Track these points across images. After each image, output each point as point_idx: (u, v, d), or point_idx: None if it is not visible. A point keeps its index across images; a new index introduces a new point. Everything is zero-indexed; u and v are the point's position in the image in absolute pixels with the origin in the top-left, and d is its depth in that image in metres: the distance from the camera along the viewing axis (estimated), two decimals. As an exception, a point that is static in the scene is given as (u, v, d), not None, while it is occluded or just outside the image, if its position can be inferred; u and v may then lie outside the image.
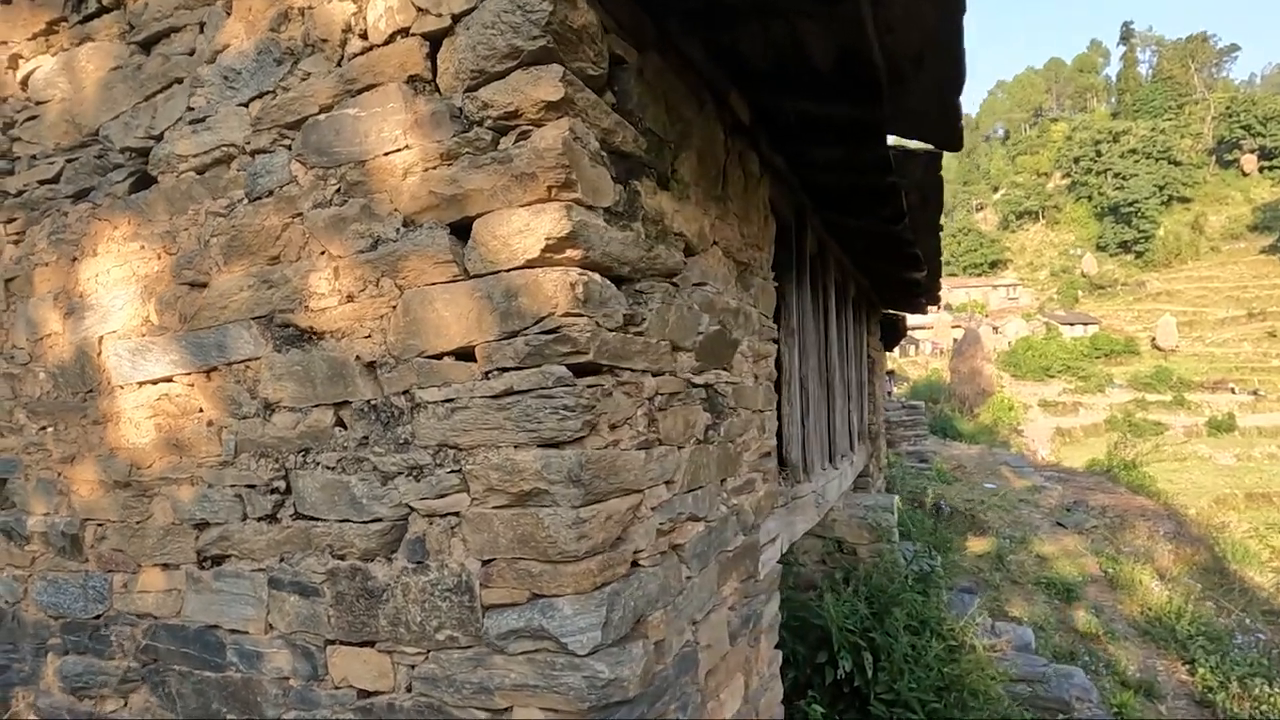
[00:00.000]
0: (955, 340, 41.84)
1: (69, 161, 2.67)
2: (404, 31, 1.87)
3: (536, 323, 1.69)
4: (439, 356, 1.82)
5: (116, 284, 2.44)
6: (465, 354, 1.79)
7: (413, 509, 1.85)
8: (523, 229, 1.69)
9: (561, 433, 1.65)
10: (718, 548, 2.44)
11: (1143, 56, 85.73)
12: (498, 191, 1.73)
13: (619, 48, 1.94)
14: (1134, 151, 66.19)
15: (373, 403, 1.92)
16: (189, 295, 2.26)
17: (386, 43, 1.89)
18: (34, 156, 2.77)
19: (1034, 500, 13.92)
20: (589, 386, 1.71)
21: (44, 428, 2.63)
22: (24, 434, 2.69)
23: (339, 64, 1.98)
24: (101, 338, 2.46)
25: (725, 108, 2.73)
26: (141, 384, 2.35)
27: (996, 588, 8.82)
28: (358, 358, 1.93)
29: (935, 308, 9.21)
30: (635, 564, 1.90)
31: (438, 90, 1.84)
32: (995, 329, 52.37)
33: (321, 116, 2.00)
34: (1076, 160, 71.57)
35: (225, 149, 2.21)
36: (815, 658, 4.32)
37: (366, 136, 1.91)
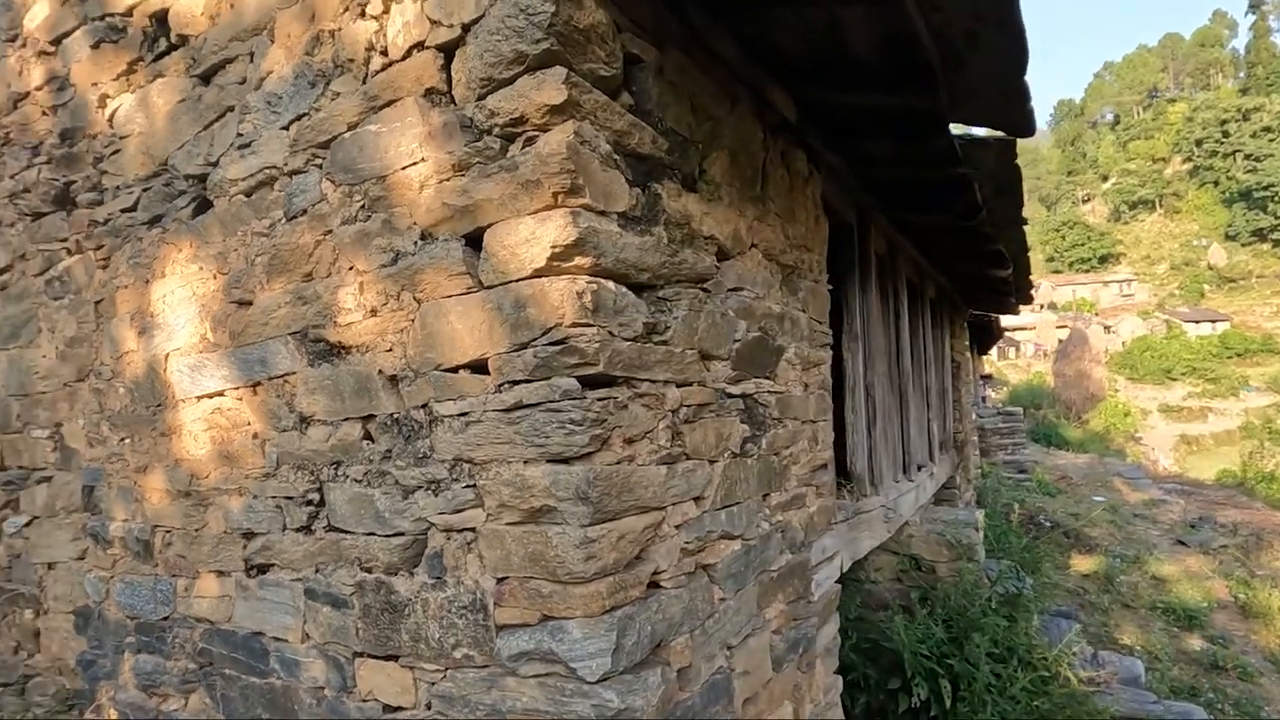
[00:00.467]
0: (1060, 341, 39.08)
1: (144, 190, 2.85)
2: (420, 45, 1.87)
3: (544, 334, 1.63)
4: (455, 370, 1.80)
5: (180, 303, 2.58)
6: (479, 366, 1.76)
7: (431, 524, 1.84)
8: (529, 238, 1.65)
9: (568, 448, 1.58)
10: (758, 567, 2.31)
11: (1276, 25, 77.58)
12: (506, 200, 1.69)
13: (635, 46, 1.87)
14: (1268, 130, 60.00)
15: (395, 416, 1.92)
16: (237, 313, 2.35)
17: (404, 57, 1.90)
18: (117, 187, 2.98)
19: (1151, 515, 12.71)
20: (599, 400, 1.64)
21: (123, 439, 2.82)
22: (107, 445, 2.90)
23: (363, 81, 2.01)
24: (168, 354, 2.61)
25: (765, 105, 2.61)
26: (199, 398, 2.48)
27: (1104, 612, 8.07)
28: (380, 371, 1.94)
29: (1028, 307, 8.59)
30: (655, 585, 1.80)
31: (453, 101, 1.83)
32: (1107, 328, 48.60)
33: (348, 134, 2.03)
34: (1199, 143, 65.62)
35: (268, 171, 2.29)
36: (887, 683, 4.06)
37: (387, 151, 1.93)
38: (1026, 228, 5.06)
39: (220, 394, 2.40)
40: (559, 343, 1.62)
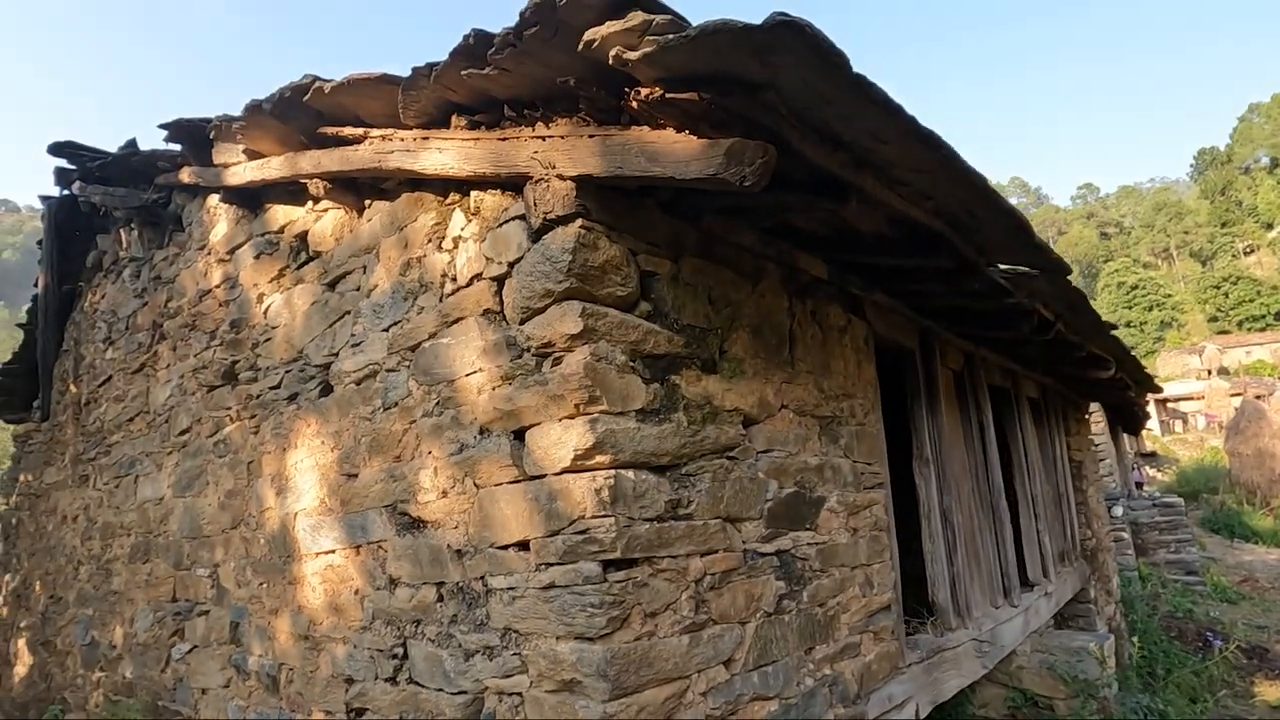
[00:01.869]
0: (1235, 411, 34.38)
1: (286, 372, 3.50)
2: (478, 276, 2.32)
3: (570, 524, 1.92)
4: (505, 548, 2.12)
5: (306, 471, 3.12)
6: (524, 546, 2.07)
7: (487, 686, 2.11)
8: (558, 441, 1.97)
9: (589, 628, 1.82)
10: (799, 726, 2.37)
11: None
12: (540, 407, 2.03)
13: (649, 265, 2.21)
14: None
15: (460, 585, 2.25)
16: (347, 483, 2.83)
17: (468, 285, 2.36)
18: (268, 368, 3.66)
19: (1367, 628, 10.67)
20: (618, 582, 1.88)
21: (261, 583, 3.35)
22: (250, 587, 3.44)
23: (440, 300, 2.49)
24: (295, 514, 3.13)
25: (793, 270, 2.87)
26: (317, 554, 2.94)
27: (1303, 754, 6.80)
28: (449, 545, 2.29)
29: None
30: (681, 753, 1.95)
31: (505, 321, 2.23)
32: (1293, 395, 42.29)
33: (428, 343, 2.49)
34: (1382, 180, 57.95)
35: (371, 366, 2.80)
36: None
37: (454, 360, 2.36)
38: (1116, 330, 4.87)
39: (332, 552, 2.85)
40: (581, 532, 1.89)
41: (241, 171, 3.55)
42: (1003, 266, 3.40)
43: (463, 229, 2.43)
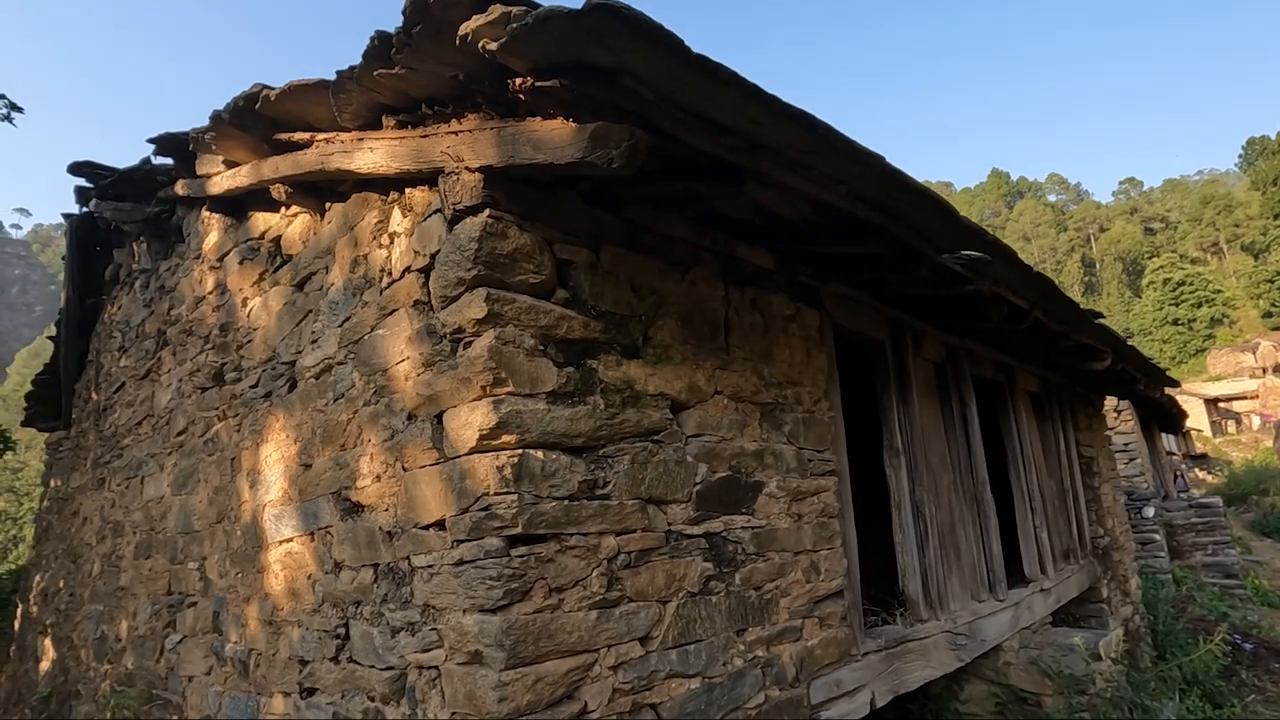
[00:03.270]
0: (1288, 411, 32.84)
1: (263, 371, 3.65)
2: (409, 269, 2.41)
3: (475, 501, 1.99)
4: (427, 528, 2.20)
5: (274, 464, 3.25)
6: (441, 525, 2.15)
7: (409, 661, 2.19)
8: (465, 422, 2.04)
9: (488, 600, 1.89)
10: (726, 705, 2.38)
11: None
12: (454, 391, 2.12)
13: (566, 254, 2.28)
14: None
15: (390, 565, 2.34)
16: (304, 473, 2.95)
17: (400, 277, 2.46)
18: (249, 368, 3.83)
19: None
20: (520, 557, 1.94)
21: (237, 573, 3.49)
22: (228, 578, 3.59)
23: (379, 294, 2.59)
24: (264, 505, 3.26)
25: (733, 260, 2.91)
26: (279, 542, 3.07)
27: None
28: (380, 527, 2.38)
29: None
30: (584, 724, 2.00)
31: (431, 310, 2.33)
32: (1353, 393, 40.25)
33: (368, 336, 2.60)
34: None
35: (327, 361, 2.92)
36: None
37: (388, 350, 2.46)
38: (1105, 319, 4.77)
39: (291, 540, 2.97)
40: (485, 509, 1.96)
41: (220, 181, 3.72)
42: (966, 254, 3.39)
43: (398, 225, 2.53)
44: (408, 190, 2.51)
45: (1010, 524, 5.41)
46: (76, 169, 5.83)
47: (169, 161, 4.45)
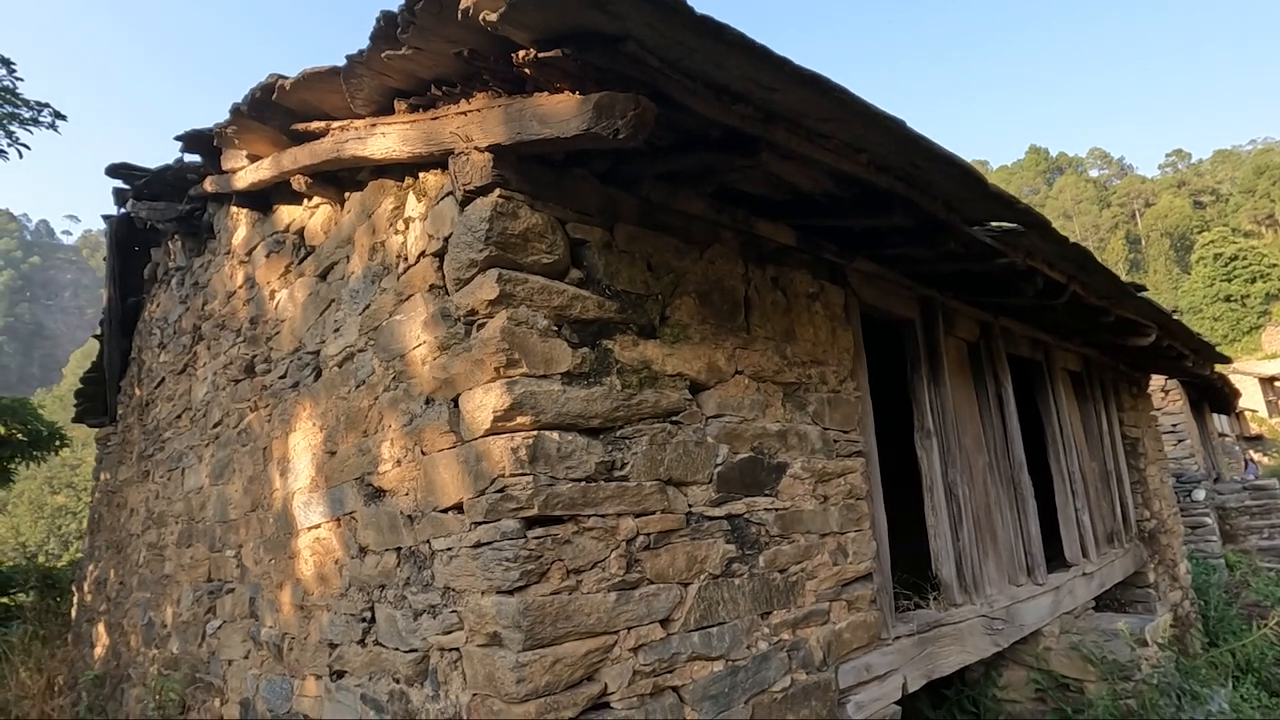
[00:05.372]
0: (1352, 390, 31.25)
1: (291, 362, 3.70)
2: (424, 253, 2.41)
3: (491, 483, 1.98)
4: (445, 511, 2.20)
5: (302, 451, 3.30)
6: (460, 508, 2.14)
7: (431, 643, 2.20)
8: (481, 404, 2.03)
9: (505, 582, 1.88)
10: (751, 689, 2.35)
11: None
12: (468, 374, 2.10)
13: (579, 233, 2.25)
14: None
15: (412, 549, 2.35)
16: (330, 460, 2.98)
17: (416, 262, 2.45)
18: (277, 360, 3.89)
19: None
20: (537, 538, 1.93)
21: (271, 559, 3.56)
22: (263, 564, 3.66)
23: (396, 280, 2.60)
24: (294, 492, 3.32)
25: (754, 237, 2.85)
26: (309, 529, 3.11)
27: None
28: (402, 511, 2.40)
29: (1220, 368, 7.30)
30: (604, 705, 1.98)
31: (446, 294, 2.32)
32: None
33: (386, 322, 2.61)
34: None
35: (348, 349, 2.94)
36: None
37: (405, 335, 2.46)
38: (1148, 292, 4.58)
39: (319, 526, 3.01)
40: (500, 491, 1.95)
41: (244, 175, 3.77)
42: (997, 225, 3.28)
43: (413, 210, 2.53)
44: (421, 175, 2.50)
45: (1051, 507, 5.25)
46: (114, 171, 5.97)
47: (198, 159, 4.54)
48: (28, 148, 10.81)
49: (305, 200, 3.62)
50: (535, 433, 1.99)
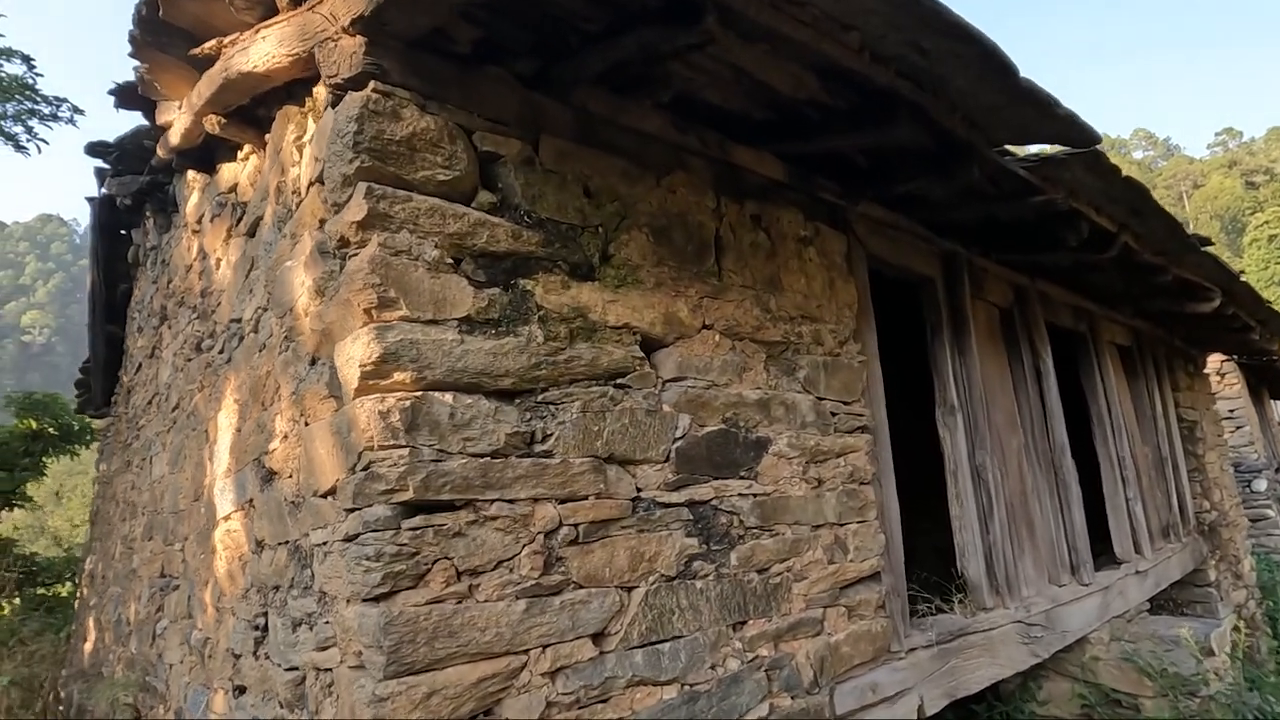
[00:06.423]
0: None
1: (225, 333, 3.32)
2: (313, 181, 1.96)
3: (359, 459, 1.53)
4: (324, 496, 1.75)
5: (223, 431, 2.90)
6: (335, 492, 1.70)
7: (307, 661, 1.76)
8: (348, 358, 1.58)
9: (364, 586, 1.42)
10: (714, 719, 1.86)
11: None
12: (341, 321, 1.66)
13: (491, 144, 1.78)
14: None
15: (296, 543, 1.91)
16: (239, 439, 2.57)
17: (305, 194, 2.01)
18: (217, 333, 3.51)
19: None
20: (412, 530, 1.47)
21: (200, 554, 3.18)
22: (196, 559, 3.28)
23: (292, 219, 2.16)
24: (216, 478, 2.92)
25: (732, 168, 2.35)
26: (223, 519, 2.71)
27: None
28: (286, 497, 1.96)
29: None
30: (506, 748, 1.52)
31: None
32: None
33: (279, 270, 2.17)
34: None
35: (258, 309, 2.53)
36: None
37: (293, 283, 2.02)
38: (1212, 248, 3.94)
39: (230, 516, 2.61)
40: (367, 469, 1.50)
41: (175, 129, 3.38)
42: (1029, 156, 2.74)
43: (308, 133, 2.09)
44: (315, 89, 2.06)
45: (1098, 497, 4.64)
46: (92, 149, 5.68)
47: (149, 125, 4.19)
48: (46, 142, 10.83)
49: (239, 152, 3.21)
50: (419, 393, 1.54)
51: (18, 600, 9.47)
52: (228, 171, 3.51)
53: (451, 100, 1.73)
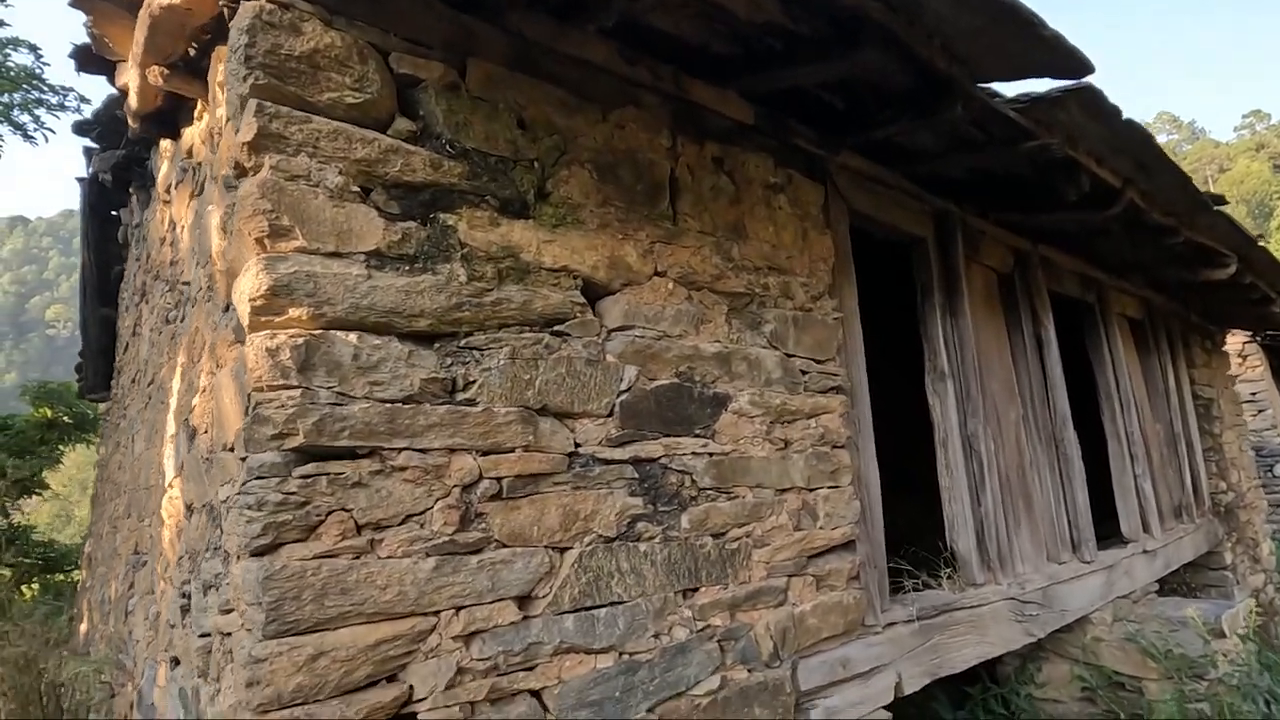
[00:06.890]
0: None
1: (186, 300, 3.21)
2: (228, 117, 1.82)
3: (249, 400, 1.39)
4: (231, 450, 1.63)
5: (171, 396, 2.79)
6: (236, 444, 1.57)
7: (214, 625, 1.63)
8: (240, 293, 1.44)
9: (246, 538, 1.29)
10: (655, 692, 1.71)
11: None
12: (239, 255, 1.52)
13: (408, 67, 1.63)
14: None
15: (210, 502, 1.79)
16: (178, 402, 2.46)
17: (222, 131, 1.88)
18: (183, 301, 3.40)
19: None
20: (303, 479, 1.33)
21: (160, 526, 3.08)
22: (156, 533, 3.19)
23: (214, 161, 2.03)
24: (166, 447, 2.81)
25: (691, 107, 2.18)
26: (167, 487, 2.60)
27: None
28: (203, 454, 1.84)
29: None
30: (409, 718, 1.38)
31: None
32: None
33: (204, 217, 2.04)
34: None
35: (203, 270, 2.40)
36: None
37: (210, 226, 1.89)
38: (1226, 207, 3.70)
39: (172, 484, 2.50)
40: (254, 411, 1.36)
41: (131, 90, 3.27)
42: (1019, 95, 2.55)
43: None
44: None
45: (1105, 473, 4.43)
46: (79, 129, 5.60)
47: (117, 93, 4.08)
48: (53, 131, 10.88)
49: (195, 112, 3.09)
50: (317, 331, 1.40)
51: (36, 586, 9.58)
52: (188, 135, 3.39)
53: (363, 17, 1.58)
